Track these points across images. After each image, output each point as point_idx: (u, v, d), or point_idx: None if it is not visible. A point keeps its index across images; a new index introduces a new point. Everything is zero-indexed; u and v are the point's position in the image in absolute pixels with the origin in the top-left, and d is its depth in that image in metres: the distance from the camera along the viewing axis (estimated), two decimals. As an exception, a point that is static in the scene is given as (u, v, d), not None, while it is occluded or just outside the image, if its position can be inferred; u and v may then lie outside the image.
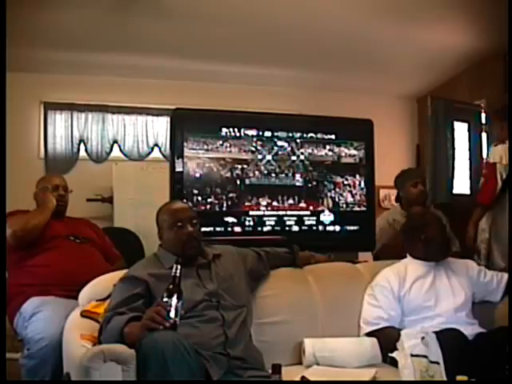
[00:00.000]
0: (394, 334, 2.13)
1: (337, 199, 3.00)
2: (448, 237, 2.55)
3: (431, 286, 2.43)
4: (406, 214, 3.17)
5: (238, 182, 2.84)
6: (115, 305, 1.94)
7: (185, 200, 2.64)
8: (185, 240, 2.11)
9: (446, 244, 2.54)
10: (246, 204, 2.84)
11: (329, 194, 2.99)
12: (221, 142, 2.83)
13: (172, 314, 1.72)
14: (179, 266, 1.79)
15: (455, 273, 2.50)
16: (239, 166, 2.85)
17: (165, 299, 1.74)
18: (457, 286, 2.45)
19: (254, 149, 2.89)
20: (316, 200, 2.97)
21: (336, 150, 3.01)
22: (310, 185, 2.97)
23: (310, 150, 2.98)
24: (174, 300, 1.73)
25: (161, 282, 1.94)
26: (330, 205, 2.99)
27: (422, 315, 2.36)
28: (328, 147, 3.00)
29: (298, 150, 2.96)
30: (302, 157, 2.97)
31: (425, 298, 2.40)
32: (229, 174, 2.83)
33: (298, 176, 2.95)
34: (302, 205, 2.94)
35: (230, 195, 2.81)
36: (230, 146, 2.85)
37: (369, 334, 2.35)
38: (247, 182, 2.86)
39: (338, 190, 3.00)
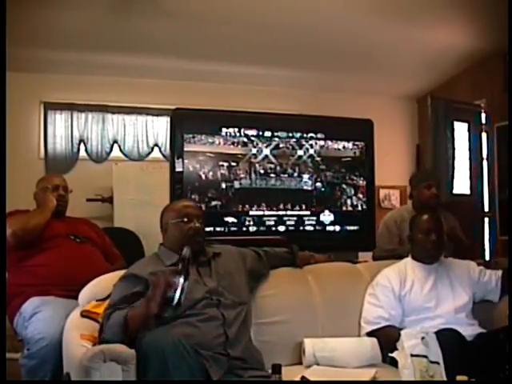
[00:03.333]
0: (395, 333, 2.12)
1: (359, 208, 2.61)
2: (441, 240, 2.49)
3: (432, 287, 2.43)
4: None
5: (224, 186, 2.60)
6: (115, 302, 1.94)
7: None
8: (191, 235, 2.11)
9: (437, 247, 2.49)
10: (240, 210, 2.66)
11: (349, 202, 2.63)
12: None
13: (177, 293, 1.73)
14: (189, 249, 1.82)
15: (456, 274, 2.49)
16: (225, 164, 2.51)
17: (173, 279, 1.75)
18: (458, 287, 2.45)
19: (246, 139, 2.55)
20: (331, 207, 2.63)
21: (358, 142, 2.48)
22: (322, 189, 2.57)
23: (322, 142, 2.47)
24: (181, 280, 1.75)
25: None
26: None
27: (423, 316, 2.36)
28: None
29: (307, 141, 2.47)
30: (311, 151, 2.48)
31: (426, 299, 2.40)
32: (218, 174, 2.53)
33: (306, 177, 2.54)
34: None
35: (214, 203, 2.54)
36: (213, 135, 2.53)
37: (369, 334, 2.35)
38: (236, 185, 2.65)
39: (361, 196, 2.55)
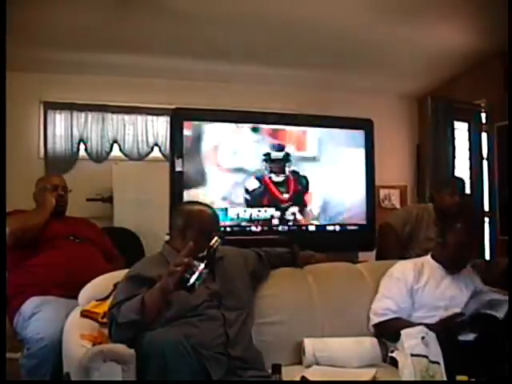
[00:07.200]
0: (403, 325, 2.13)
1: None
2: (472, 254, 2.48)
3: (447, 289, 2.41)
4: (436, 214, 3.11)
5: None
6: (120, 301, 1.88)
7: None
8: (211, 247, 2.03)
9: (467, 261, 2.48)
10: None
11: None
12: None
13: (194, 276, 1.73)
14: (219, 240, 1.84)
15: (471, 285, 2.47)
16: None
17: (194, 262, 1.76)
18: (468, 297, 2.41)
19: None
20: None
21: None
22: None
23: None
24: (202, 265, 1.76)
25: None
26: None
27: (431, 314, 2.32)
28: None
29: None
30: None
31: (438, 297, 2.38)
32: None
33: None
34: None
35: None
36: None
37: (377, 325, 2.35)
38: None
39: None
